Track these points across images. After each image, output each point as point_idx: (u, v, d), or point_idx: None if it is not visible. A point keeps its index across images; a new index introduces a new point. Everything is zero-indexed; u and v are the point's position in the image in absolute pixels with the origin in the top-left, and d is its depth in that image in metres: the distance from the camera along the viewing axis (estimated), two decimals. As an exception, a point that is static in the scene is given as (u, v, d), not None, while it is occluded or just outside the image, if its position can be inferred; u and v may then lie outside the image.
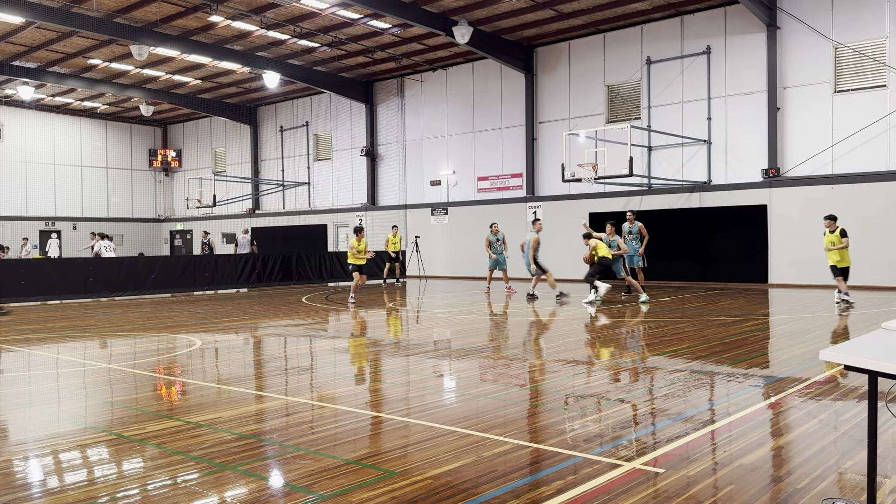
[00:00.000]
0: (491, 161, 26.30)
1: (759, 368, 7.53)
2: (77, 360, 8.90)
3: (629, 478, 4.04)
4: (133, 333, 11.44)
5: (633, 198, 22.35)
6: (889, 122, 18.22)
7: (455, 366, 8.21)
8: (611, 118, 23.26)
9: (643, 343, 9.68)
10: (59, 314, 14.95)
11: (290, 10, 21.36)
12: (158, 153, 39.05)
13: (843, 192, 18.66)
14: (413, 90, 28.53)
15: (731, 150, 20.88)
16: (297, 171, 33.23)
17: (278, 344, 10.34)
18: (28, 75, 27.52)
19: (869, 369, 2.88)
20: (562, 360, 8.30)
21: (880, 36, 18.34)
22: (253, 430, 5.24)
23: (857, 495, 3.72)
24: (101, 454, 4.72)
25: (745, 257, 20.49)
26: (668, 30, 21.94)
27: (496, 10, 21.39)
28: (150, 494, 3.89)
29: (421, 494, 3.80)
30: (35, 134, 34.90)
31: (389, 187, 29.56)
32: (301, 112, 32.99)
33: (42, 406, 6.35)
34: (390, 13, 20.31)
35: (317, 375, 7.73)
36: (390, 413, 5.78)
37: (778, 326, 11.24)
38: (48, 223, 35.09)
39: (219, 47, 24.86)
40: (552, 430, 5.16)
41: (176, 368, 8.25)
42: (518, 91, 25.27)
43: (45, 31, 23.51)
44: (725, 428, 5.16)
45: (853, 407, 5.67)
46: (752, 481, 3.97)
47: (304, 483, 4.02)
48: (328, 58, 26.54)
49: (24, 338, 11.07)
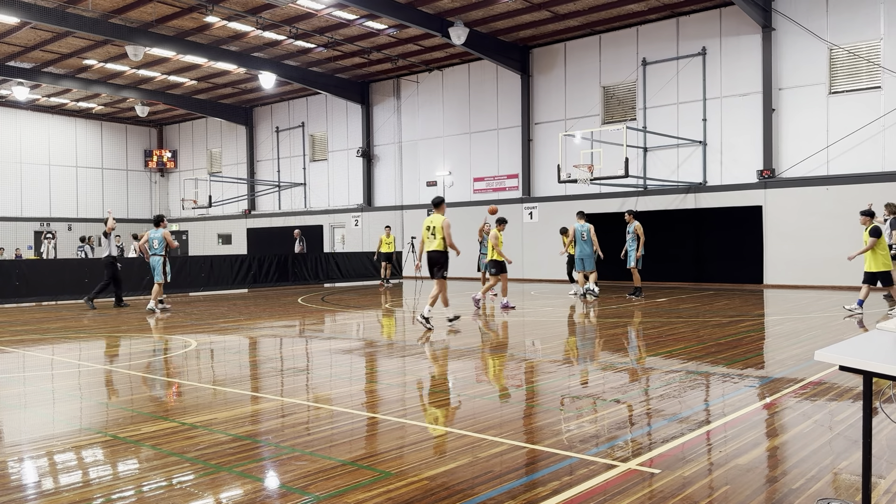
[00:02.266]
0: (487, 162, 26.31)
1: (755, 369, 7.55)
2: (72, 362, 8.87)
3: (625, 478, 4.04)
4: (128, 334, 11.41)
5: (629, 199, 22.38)
6: (884, 124, 18.28)
7: (451, 367, 8.20)
8: (606, 119, 23.30)
9: (639, 344, 9.69)
10: (54, 315, 14.91)
11: (285, 10, 21.35)
12: (154, 154, 38.98)
13: (838, 193, 18.72)
14: (409, 91, 28.53)
15: (726, 151, 20.93)
16: (292, 171, 33.20)
17: (274, 345, 10.32)
18: (23, 76, 27.45)
19: (864, 370, 2.89)
20: (557, 361, 8.31)
21: (875, 37, 18.41)
22: (248, 432, 5.23)
23: (852, 496, 3.73)
24: (96, 455, 4.71)
25: (741, 258, 20.53)
26: (664, 31, 21.99)
27: (492, 11, 21.41)
28: (146, 496, 3.88)
29: (417, 495, 3.80)
30: (30, 134, 34.80)
31: (385, 188, 29.56)
32: (297, 113, 32.96)
33: (37, 407, 6.33)
34: (386, 14, 20.31)
35: (312, 376, 7.72)
36: (386, 414, 5.78)
37: (773, 327, 11.26)
38: (43, 224, 35.00)
39: (214, 48, 24.83)
40: (548, 431, 5.17)
41: (171, 369, 8.23)
42: (514, 92, 25.29)
43: (40, 32, 23.46)
44: (721, 428, 5.17)
45: (848, 407, 5.69)
46: (748, 482, 3.98)
47: (299, 484, 4.01)
48: (324, 58, 26.52)
49: (19, 339, 11.04)
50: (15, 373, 8.24)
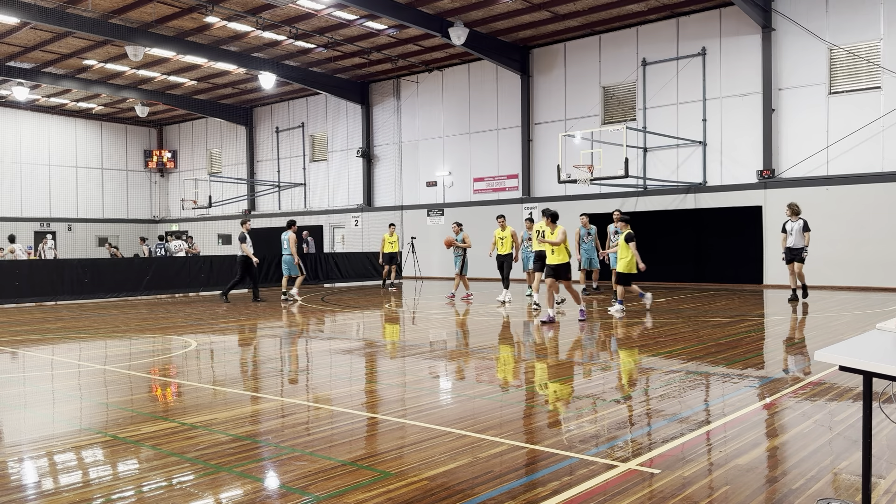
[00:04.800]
0: (487, 162, 26.31)
1: (755, 369, 7.55)
2: (72, 362, 8.87)
3: (625, 478, 4.04)
4: (128, 335, 11.41)
5: (629, 199, 22.38)
6: (883, 124, 18.28)
7: (451, 367, 8.20)
8: (606, 119, 23.30)
9: (639, 344, 9.69)
10: (54, 315, 14.91)
11: (285, 10, 21.35)
12: (154, 154, 38.97)
13: (838, 193, 18.72)
14: (409, 91, 28.53)
15: (726, 151, 20.93)
16: (292, 172, 33.20)
17: (273, 345, 10.32)
18: (23, 76, 27.45)
19: (864, 370, 2.89)
20: (557, 361, 8.31)
21: (874, 38, 18.41)
22: (248, 432, 5.23)
23: (852, 496, 3.73)
24: (96, 456, 4.71)
25: (740, 258, 20.53)
26: (664, 31, 21.99)
27: (492, 11, 21.41)
28: (146, 496, 3.88)
29: (417, 496, 3.80)
30: (30, 134, 34.80)
31: (385, 188, 29.56)
32: (297, 113, 32.96)
33: (37, 407, 6.33)
34: (386, 14, 20.31)
35: (312, 377, 7.72)
36: (386, 414, 5.78)
37: (773, 327, 11.27)
38: (43, 224, 35.00)
39: (214, 48, 24.83)
40: (548, 431, 5.17)
41: (171, 370, 8.23)
42: (514, 92, 25.29)
43: (40, 32, 23.46)
44: (721, 428, 5.17)
45: (848, 407, 5.69)
46: (748, 482, 3.98)
47: (299, 484, 4.02)
48: (324, 59, 26.52)
49: (19, 339, 11.04)
50: (15, 373, 8.24)
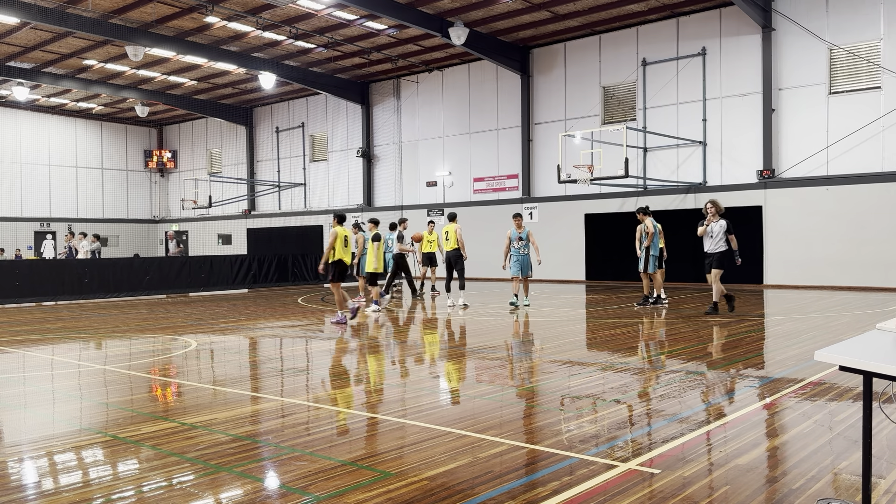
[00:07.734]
0: (487, 162, 26.31)
1: (755, 369, 7.55)
2: (72, 362, 8.87)
3: (625, 478, 4.04)
4: (128, 335, 11.41)
5: (629, 199, 22.38)
6: (883, 124, 18.28)
7: (451, 367, 8.20)
8: (606, 119, 23.29)
9: (639, 344, 9.69)
10: (54, 315, 14.91)
11: (285, 11, 21.35)
12: (154, 154, 38.97)
13: (838, 193, 18.72)
14: (409, 91, 28.53)
15: (726, 151, 20.93)
16: (292, 172, 33.20)
17: (273, 345, 10.32)
18: (23, 76, 27.45)
19: (864, 370, 2.89)
20: (557, 361, 8.31)
21: (874, 38, 18.41)
22: (248, 432, 5.23)
23: (852, 496, 3.73)
24: (96, 456, 4.71)
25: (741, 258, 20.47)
26: (664, 31, 21.99)
27: (492, 11, 21.41)
28: (146, 496, 3.88)
29: (417, 496, 3.80)
30: (30, 134, 34.80)
31: (385, 188, 29.56)
32: (297, 113, 32.96)
33: (37, 407, 6.33)
34: (386, 14, 20.31)
35: (312, 377, 7.72)
36: (386, 414, 5.78)
37: (773, 327, 11.26)
38: (43, 224, 35.00)
39: (214, 48, 24.82)
40: (548, 431, 5.17)
41: (171, 370, 8.23)
42: (514, 92, 25.29)
43: (40, 32, 23.45)
44: (721, 429, 5.17)
45: (848, 408, 5.69)
46: (748, 482, 3.98)
47: (300, 484, 4.02)
48: (324, 59, 26.52)
49: (19, 339, 11.04)
50: (15, 373, 8.24)
